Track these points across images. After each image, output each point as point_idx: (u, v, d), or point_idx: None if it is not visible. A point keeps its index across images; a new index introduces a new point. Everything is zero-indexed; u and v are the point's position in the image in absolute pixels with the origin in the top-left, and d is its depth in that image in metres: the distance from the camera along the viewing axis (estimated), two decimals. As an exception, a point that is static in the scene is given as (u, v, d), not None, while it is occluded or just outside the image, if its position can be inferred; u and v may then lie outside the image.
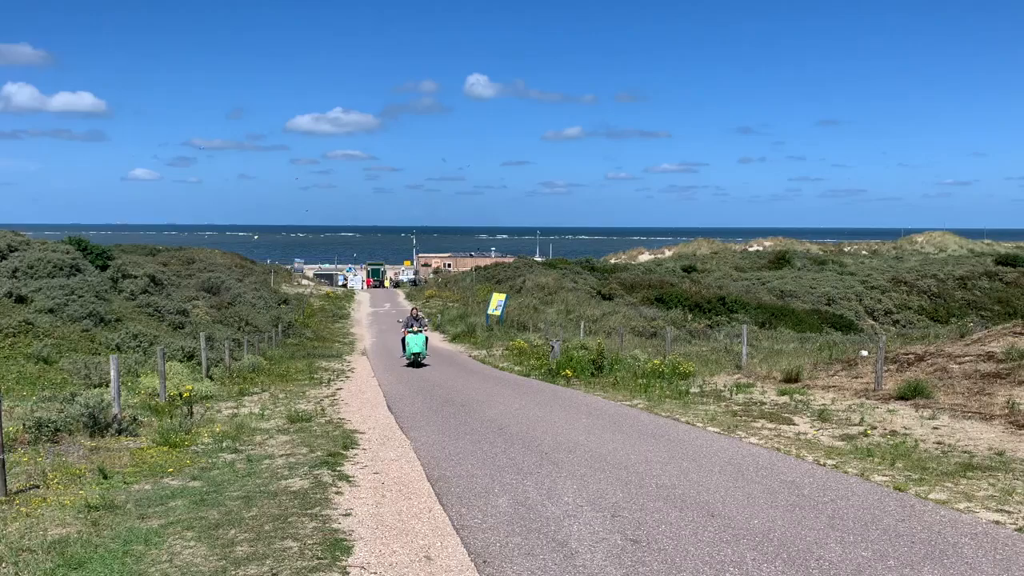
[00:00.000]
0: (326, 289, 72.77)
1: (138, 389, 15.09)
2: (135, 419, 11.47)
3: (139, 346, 20.42)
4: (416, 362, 23.18)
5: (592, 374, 18.72)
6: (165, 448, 9.82)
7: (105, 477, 8.20)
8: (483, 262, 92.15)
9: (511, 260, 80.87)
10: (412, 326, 23.57)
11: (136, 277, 31.48)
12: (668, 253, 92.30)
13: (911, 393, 12.29)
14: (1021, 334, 13.73)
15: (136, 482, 8.14)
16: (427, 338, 23.97)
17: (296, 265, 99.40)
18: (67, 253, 28.92)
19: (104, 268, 31.55)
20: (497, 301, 39.66)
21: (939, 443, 9.59)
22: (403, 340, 23.81)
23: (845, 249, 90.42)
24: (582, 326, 30.81)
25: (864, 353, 16.58)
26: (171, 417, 11.83)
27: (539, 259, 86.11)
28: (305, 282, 77.32)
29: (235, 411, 13.59)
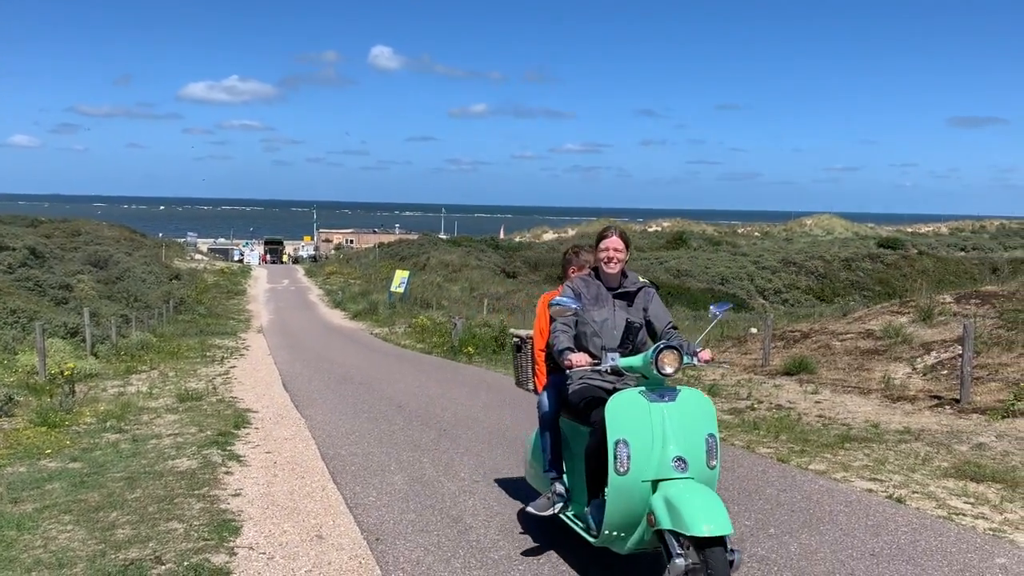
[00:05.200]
0: (221, 264, 70.55)
1: (15, 367, 14.31)
2: (11, 399, 10.85)
3: (17, 322, 19.35)
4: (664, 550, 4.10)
5: (494, 351, 18.83)
6: (43, 429, 9.34)
7: (-25, 460, 7.74)
8: (387, 239, 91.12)
9: (415, 237, 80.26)
10: (627, 345, 4.79)
11: (14, 249, 29.80)
12: (571, 232, 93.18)
13: (796, 369, 12.85)
14: (898, 313, 14.48)
15: (9, 465, 7.71)
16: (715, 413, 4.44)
17: (189, 239, 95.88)
18: (-64, 223, 27.10)
19: (-22, 239, 29.72)
20: (400, 278, 39.31)
21: (821, 416, 10.05)
22: (571, 410, 5.16)
23: (739, 231, 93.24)
24: (486, 303, 30.92)
25: (754, 331, 17.20)
26: (51, 396, 11.27)
27: (444, 236, 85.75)
28: (199, 257, 74.74)
29: (121, 390, 13.06)
